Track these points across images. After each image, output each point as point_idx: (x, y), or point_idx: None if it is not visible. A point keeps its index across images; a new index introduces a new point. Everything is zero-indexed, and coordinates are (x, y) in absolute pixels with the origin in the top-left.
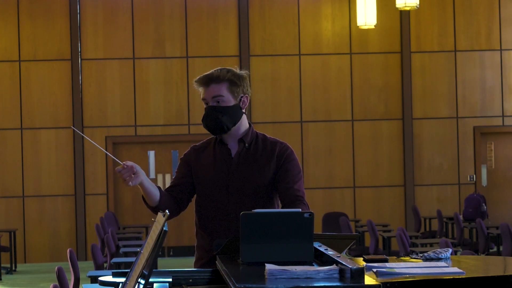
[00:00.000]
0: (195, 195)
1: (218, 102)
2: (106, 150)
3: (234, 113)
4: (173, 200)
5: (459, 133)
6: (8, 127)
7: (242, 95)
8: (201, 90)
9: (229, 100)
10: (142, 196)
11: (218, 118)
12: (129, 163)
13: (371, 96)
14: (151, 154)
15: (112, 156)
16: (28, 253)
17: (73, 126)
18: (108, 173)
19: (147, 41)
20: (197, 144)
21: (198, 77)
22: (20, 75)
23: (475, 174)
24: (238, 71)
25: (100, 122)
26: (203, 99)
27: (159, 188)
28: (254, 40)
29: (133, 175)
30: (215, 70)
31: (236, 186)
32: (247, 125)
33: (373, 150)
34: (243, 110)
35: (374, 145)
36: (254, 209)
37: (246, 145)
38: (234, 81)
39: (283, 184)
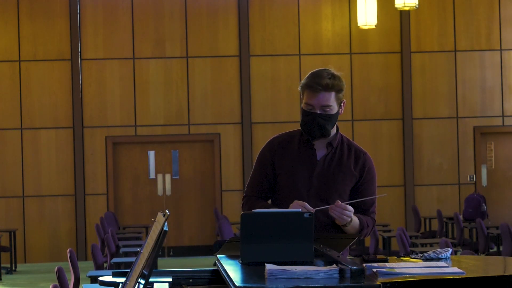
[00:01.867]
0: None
1: (326, 111)
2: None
3: (336, 119)
4: (267, 199)
5: (459, 133)
6: (8, 127)
7: (343, 100)
8: (307, 93)
9: (335, 108)
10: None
11: (325, 126)
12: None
13: (371, 96)
14: (151, 154)
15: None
16: (28, 253)
17: (73, 126)
18: (108, 173)
19: (147, 41)
20: (278, 136)
21: (308, 80)
22: (20, 75)
23: (475, 174)
24: (339, 74)
25: (100, 122)
26: (309, 104)
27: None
28: (254, 40)
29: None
30: (326, 76)
31: (317, 191)
32: (335, 129)
33: (373, 150)
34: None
35: (374, 145)
36: (329, 216)
37: (333, 149)
38: (340, 89)
39: (362, 204)
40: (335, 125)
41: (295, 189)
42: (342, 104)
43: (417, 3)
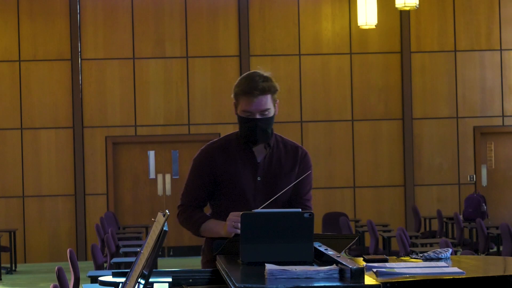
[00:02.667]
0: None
1: (265, 114)
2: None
3: (273, 121)
4: (203, 208)
5: (459, 133)
6: (8, 127)
7: (277, 100)
8: (243, 99)
9: (272, 110)
10: (199, 230)
11: (267, 131)
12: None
13: (371, 96)
14: (151, 154)
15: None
16: (28, 253)
17: (73, 126)
18: (108, 173)
19: (147, 41)
20: (215, 142)
21: (242, 87)
22: (20, 75)
23: (475, 174)
24: (269, 75)
25: (100, 122)
26: (247, 111)
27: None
28: (254, 40)
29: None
30: (259, 80)
31: (262, 192)
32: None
33: (373, 150)
34: None
35: (374, 145)
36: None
37: (271, 149)
38: (276, 90)
39: (295, 192)
40: None
41: (240, 193)
42: (276, 104)
43: (417, 3)
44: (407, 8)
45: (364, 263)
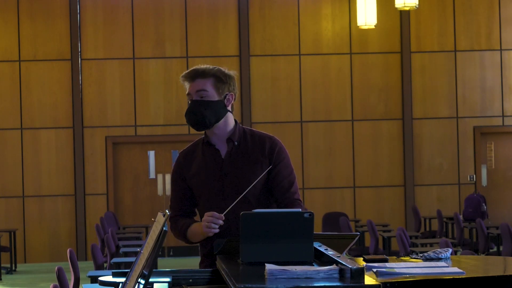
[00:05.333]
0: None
1: (202, 96)
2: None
3: (217, 109)
4: (192, 216)
5: (459, 133)
6: (8, 127)
7: (228, 92)
8: (186, 85)
9: (213, 95)
10: (184, 235)
11: (201, 112)
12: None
13: (371, 96)
14: (151, 154)
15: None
16: (28, 253)
17: (73, 126)
18: (108, 173)
19: (147, 41)
20: (184, 149)
21: (184, 72)
22: (20, 75)
23: (475, 174)
24: (226, 70)
25: (100, 122)
26: (188, 94)
27: (192, 219)
28: (254, 40)
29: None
30: (202, 66)
31: (231, 188)
32: (233, 123)
33: (373, 150)
34: (229, 108)
35: (374, 145)
36: (252, 209)
37: (235, 143)
38: (219, 78)
39: (278, 188)
40: (233, 120)
41: (209, 193)
42: (227, 96)
43: (417, 3)
44: (407, 8)
45: (364, 263)
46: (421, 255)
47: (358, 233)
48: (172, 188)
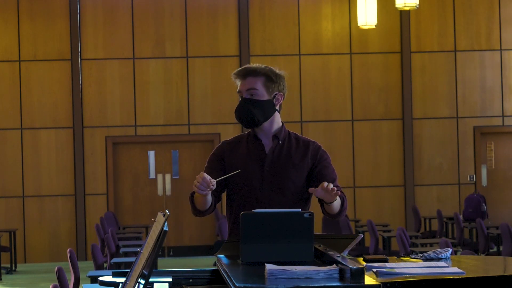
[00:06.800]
0: (226, 190)
1: (252, 95)
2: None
3: (267, 108)
4: (213, 198)
5: (459, 133)
6: (8, 127)
7: (277, 92)
8: (238, 82)
9: (263, 94)
10: (192, 200)
11: (250, 110)
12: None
13: (371, 96)
14: (151, 154)
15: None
16: (28, 253)
17: (73, 126)
18: (108, 173)
19: (147, 41)
20: (228, 139)
21: (236, 70)
22: (20, 75)
23: (475, 174)
24: (277, 70)
25: (100, 122)
26: (239, 91)
27: None
28: (254, 40)
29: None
30: (254, 64)
31: (270, 182)
32: (280, 123)
33: (373, 150)
34: (277, 108)
35: (374, 145)
36: (286, 207)
37: (280, 141)
38: (270, 77)
39: (323, 182)
40: (280, 121)
41: (248, 183)
42: (276, 95)
43: (417, 3)
44: (407, 8)
45: (364, 263)
46: (421, 255)
47: (362, 235)
48: (205, 167)
